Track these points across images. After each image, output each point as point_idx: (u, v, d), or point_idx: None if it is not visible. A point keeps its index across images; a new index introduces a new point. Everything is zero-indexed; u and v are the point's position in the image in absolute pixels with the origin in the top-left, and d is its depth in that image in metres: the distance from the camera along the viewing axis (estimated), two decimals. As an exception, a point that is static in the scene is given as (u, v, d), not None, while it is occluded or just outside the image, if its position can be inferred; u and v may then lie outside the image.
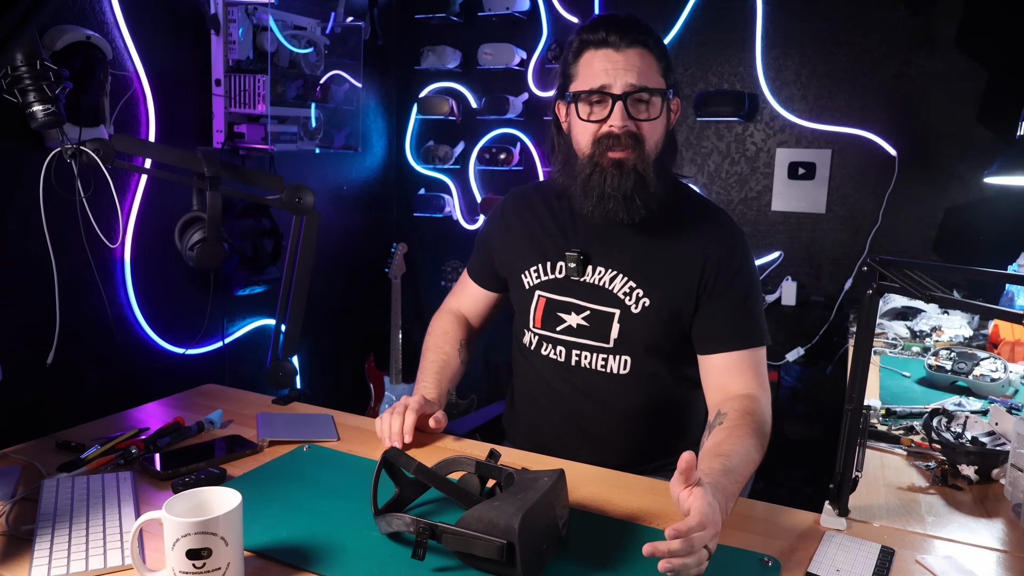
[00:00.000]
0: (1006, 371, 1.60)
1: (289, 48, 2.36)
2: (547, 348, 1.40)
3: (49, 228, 1.28)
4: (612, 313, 1.33)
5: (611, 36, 1.23)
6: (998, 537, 1.03)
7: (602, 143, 1.25)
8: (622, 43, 1.23)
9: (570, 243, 1.37)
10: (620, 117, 1.23)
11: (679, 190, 1.37)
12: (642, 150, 1.25)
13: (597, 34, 1.24)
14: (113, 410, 1.41)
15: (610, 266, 1.33)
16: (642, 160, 1.25)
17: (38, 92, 1.16)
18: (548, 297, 1.38)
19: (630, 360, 1.33)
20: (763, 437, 1.17)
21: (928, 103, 2.45)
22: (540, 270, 1.39)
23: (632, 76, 1.22)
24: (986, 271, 1.24)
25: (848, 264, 2.62)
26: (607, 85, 1.23)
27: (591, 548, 0.96)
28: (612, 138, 1.24)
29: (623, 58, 1.23)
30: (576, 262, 1.34)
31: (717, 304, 1.30)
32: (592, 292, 1.34)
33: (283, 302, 1.50)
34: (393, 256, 3.09)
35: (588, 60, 1.26)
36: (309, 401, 1.49)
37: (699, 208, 1.37)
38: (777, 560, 0.94)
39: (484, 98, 2.96)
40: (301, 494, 1.08)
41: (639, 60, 1.23)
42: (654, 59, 1.25)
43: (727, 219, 1.36)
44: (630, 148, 1.24)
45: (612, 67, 1.23)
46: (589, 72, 1.25)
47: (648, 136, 1.26)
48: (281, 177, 1.46)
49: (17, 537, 0.95)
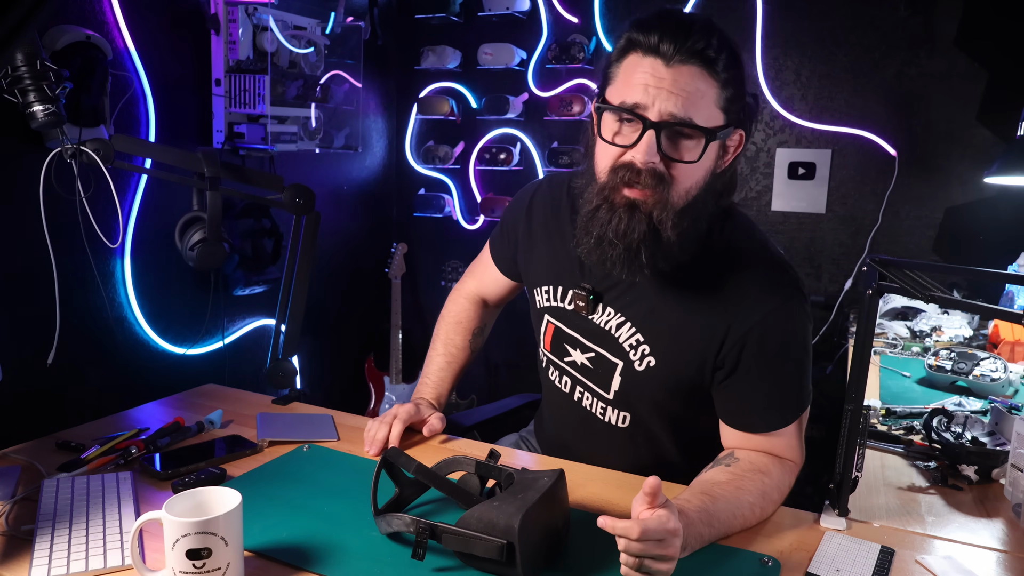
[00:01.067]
0: (1006, 371, 1.60)
1: (289, 48, 2.36)
2: (554, 374, 1.29)
3: (49, 228, 1.28)
4: (615, 364, 1.17)
5: (664, 43, 0.97)
6: (998, 537, 1.03)
7: (619, 173, 1.02)
8: (676, 56, 0.97)
9: (584, 275, 1.19)
10: (646, 151, 0.98)
11: (725, 237, 1.12)
12: (666, 194, 1.01)
13: (649, 36, 0.98)
14: (113, 410, 1.41)
15: (620, 311, 1.16)
16: (662, 207, 1.01)
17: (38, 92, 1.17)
18: (556, 325, 1.24)
19: (629, 417, 1.20)
20: (766, 502, 1.03)
21: (928, 103, 2.45)
22: (551, 294, 1.24)
23: (676, 104, 0.97)
24: (986, 271, 1.24)
25: (848, 264, 2.62)
26: (642, 105, 0.98)
27: (591, 548, 0.96)
28: (631, 171, 1.00)
29: (672, 76, 0.97)
30: (585, 301, 1.17)
31: (742, 381, 1.09)
32: (599, 335, 1.18)
33: (283, 302, 1.50)
34: (393, 256, 3.09)
35: (631, 66, 1.01)
36: (309, 401, 1.49)
37: (743, 262, 1.10)
38: (777, 560, 0.94)
39: (484, 98, 2.96)
40: (301, 494, 1.08)
41: (691, 83, 0.97)
42: (715, 84, 0.99)
43: (777, 278, 1.09)
44: (650, 189, 1.00)
45: (655, 84, 0.97)
46: (628, 81, 1.00)
47: (679, 179, 1.01)
48: (281, 177, 1.46)
49: (17, 537, 0.95)
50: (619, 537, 0.84)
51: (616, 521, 0.84)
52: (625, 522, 0.83)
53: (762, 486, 1.04)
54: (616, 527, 0.83)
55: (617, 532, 0.84)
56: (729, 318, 1.08)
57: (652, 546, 0.83)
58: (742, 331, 1.07)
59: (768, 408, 1.10)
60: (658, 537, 0.83)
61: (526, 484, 0.93)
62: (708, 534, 0.96)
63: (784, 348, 1.09)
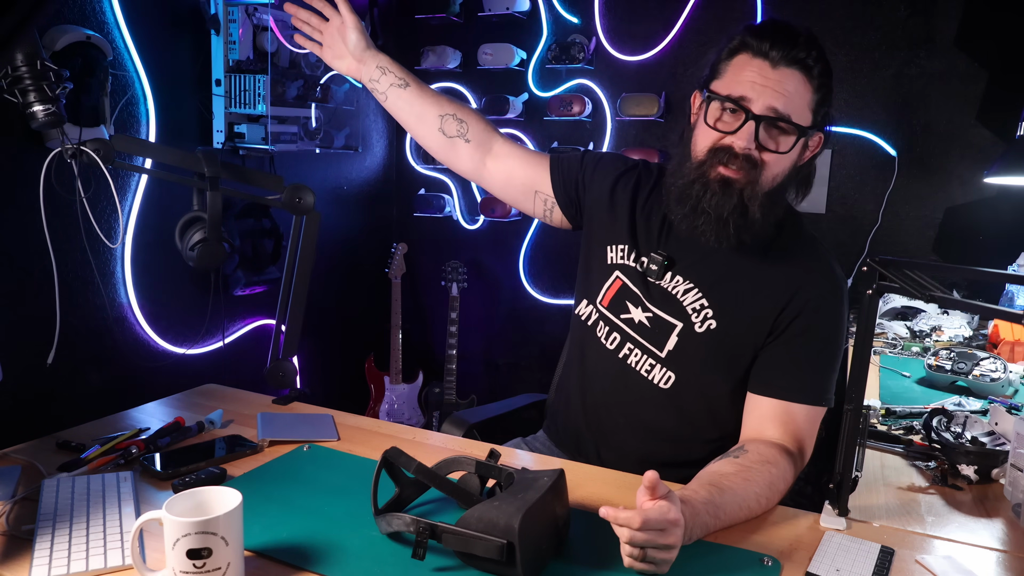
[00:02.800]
0: (1006, 371, 1.60)
1: (289, 48, 2.36)
2: (602, 329, 1.32)
3: (49, 228, 1.28)
4: (674, 325, 1.25)
5: (773, 50, 1.12)
6: (998, 537, 1.03)
7: (718, 155, 1.15)
8: (782, 61, 1.12)
9: (659, 243, 1.29)
10: (747, 138, 1.13)
11: (791, 223, 1.26)
12: (757, 177, 1.15)
13: (762, 41, 1.13)
14: (113, 410, 1.41)
15: (689, 277, 1.25)
16: (752, 187, 1.15)
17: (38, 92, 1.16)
18: (624, 282, 1.31)
19: (674, 377, 1.25)
20: (772, 493, 1.07)
21: (928, 103, 2.45)
22: (626, 253, 1.32)
23: (778, 100, 1.11)
24: (986, 271, 1.24)
25: (848, 264, 2.61)
26: (748, 99, 1.12)
27: (591, 548, 0.96)
28: (729, 154, 1.14)
29: (777, 77, 1.12)
30: (659, 265, 1.26)
31: (785, 346, 1.19)
32: (664, 298, 1.26)
33: (283, 302, 1.50)
34: (393, 256, 3.09)
35: (740, 64, 1.14)
36: (309, 401, 1.49)
37: (807, 247, 1.26)
38: (777, 560, 0.94)
39: (484, 98, 2.96)
40: (301, 494, 1.08)
41: (793, 85, 1.12)
42: (811, 89, 1.14)
43: (833, 266, 1.23)
44: (744, 171, 1.14)
45: (761, 82, 1.12)
46: (736, 77, 1.14)
47: (770, 167, 1.15)
48: (281, 177, 1.46)
49: (17, 537, 0.95)
50: (621, 527, 0.86)
51: (618, 511, 0.86)
52: (627, 512, 0.86)
53: (769, 477, 1.07)
54: (618, 517, 0.86)
55: (619, 522, 0.86)
56: (794, 287, 1.19)
57: (654, 536, 0.85)
58: (803, 300, 1.18)
59: (802, 374, 1.18)
60: (659, 527, 0.86)
61: (526, 484, 0.93)
62: (713, 524, 0.98)
63: (830, 332, 1.20)
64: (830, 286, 1.21)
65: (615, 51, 2.80)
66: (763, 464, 1.08)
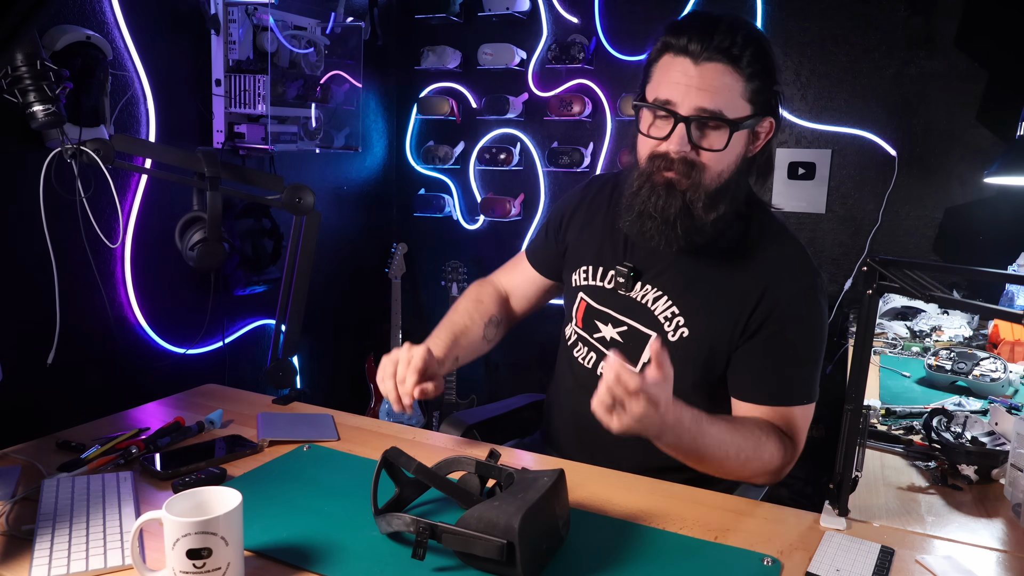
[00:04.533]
0: (1006, 371, 1.60)
1: (289, 48, 2.36)
2: (580, 350, 1.34)
3: (49, 228, 1.28)
4: (648, 336, 1.24)
5: (692, 43, 1.08)
6: (998, 537, 1.03)
7: (655, 161, 1.14)
8: (704, 55, 1.07)
9: (624, 255, 1.29)
10: (678, 142, 1.10)
11: (758, 217, 1.23)
12: (699, 178, 1.13)
13: (680, 38, 1.09)
14: (113, 410, 1.41)
15: (657, 285, 1.24)
16: (695, 188, 1.13)
17: (38, 92, 1.17)
18: (588, 302, 1.32)
19: None
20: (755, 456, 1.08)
21: (928, 103, 2.45)
22: (589, 273, 1.32)
23: (704, 98, 1.08)
24: (986, 271, 1.24)
25: (848, 264, 2.62)
26: (673, 103, 1.10)
27: (591, 548, 0.96)
28: (666, 160, 1.13)
29: (699, 74, 1.08)
30: (626, 277, 1.25)
31: (761, 348, 1.17)
32: (635, 309, 1.26)
33: (283, 302, 1.50)
34: (393, 256, 3.09)
35: (665, 65, 1.12)
36: (309, 401, 1.49)
37: (775, 241, 1.22)
38: (777, 560, 0.94)
39: (484, 98, 2.96)
40: (301, 494, 1.08)
41: (718, 78, 1.08)
42: (741, 78, 1.09)
43: (804, 260, 1.20)
44: (684, 174, 1.12)
45: (685, 82, 1.08)
46: (662, 80, 1.12)
47: (710, 166, 1.12)
48: (281, 177, 1.46)
49: (17, 537, 0.95)
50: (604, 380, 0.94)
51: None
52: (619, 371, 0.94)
53: (759, 440, 1.08)
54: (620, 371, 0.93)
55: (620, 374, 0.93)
56: (764, 285, 1.17)
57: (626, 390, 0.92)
58: (773, 299, 1.16)
59: (776, 376, 1.16)
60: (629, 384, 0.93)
61: (526, 484, 0.93)
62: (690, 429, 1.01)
63: (805, 328, 1.17)
64: (800, 282, 1.17)
65: (615, 51, 2.80)
66: (756, 427, 1.10)
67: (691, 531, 1.01)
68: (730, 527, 1.02)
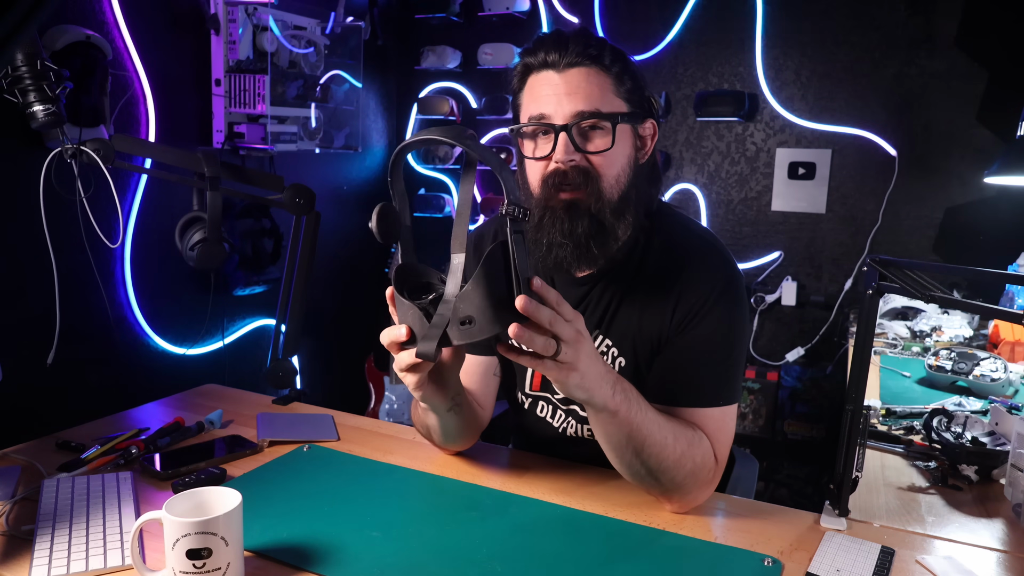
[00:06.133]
0: (1006, 371, 1.60)
1: (289, 48, 2.36)
2: (543, 409, 1.25)
3: (49, 228, 1.28)
4: None
5: (551, 55, 1.05)
6: (998, 537, 1.03)
7: (549, 183, 1.07)
8: (563, 61, 1.05)
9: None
10: (564, 151, 1.05)
11: (662, 226, 1.17)
12: (597, 188, 1.06)
13: (537, 55, 1.07)
14: (113, 410, 1.41)
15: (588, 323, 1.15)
16: (598, 200, 1.07)
17: (38, 92, 1.17)
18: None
19: None
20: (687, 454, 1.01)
21: (928, 103, 2.45)
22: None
23: (577, 101, 1.04)
24: (986, 271, 1.24)
25: (848, 264, 2.62)
26: (547, 115, 1.06)
27: (591, 548, 0.96)
28: (559, 176, 1.06)
29: (565, 81, 1.05)
30: None
31: (670, 350, 1.12)
32: None
33: (283, 302, 1.50)
34: (393, 256, 3.09)
35: (531, 86, 1.10)
36: (309, 401, 1.49)
37: (680, 248, 1.15)
38: (777, 560, 0.94)
39: (484, 98, 2.96)
40: (301, 494, 1.08)
41: (586, 81, 1.05)
42: (608, 78, 1.07)
43: (716, 261, 1.14)
44: (582, 188, 1.06)
45: (554, 91, 1.06)
46: (531, 100, 1.09)
47: (604, 170, 1.07)
48: (281, 177, 1.46)
49: (17, 537, 0.95)
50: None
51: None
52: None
53: (692, 435, 1.03)
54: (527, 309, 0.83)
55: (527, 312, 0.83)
56: (676, 297, 1.11)
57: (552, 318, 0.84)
58: (686, 308, 1.10)
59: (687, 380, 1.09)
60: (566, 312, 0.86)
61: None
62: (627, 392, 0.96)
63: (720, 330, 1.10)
64: (710, 284, 1.11)
65: (615, 51, 2.80)
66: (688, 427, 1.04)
67: (691, 531, 1.01)
68: (730, 527, 1.02)
